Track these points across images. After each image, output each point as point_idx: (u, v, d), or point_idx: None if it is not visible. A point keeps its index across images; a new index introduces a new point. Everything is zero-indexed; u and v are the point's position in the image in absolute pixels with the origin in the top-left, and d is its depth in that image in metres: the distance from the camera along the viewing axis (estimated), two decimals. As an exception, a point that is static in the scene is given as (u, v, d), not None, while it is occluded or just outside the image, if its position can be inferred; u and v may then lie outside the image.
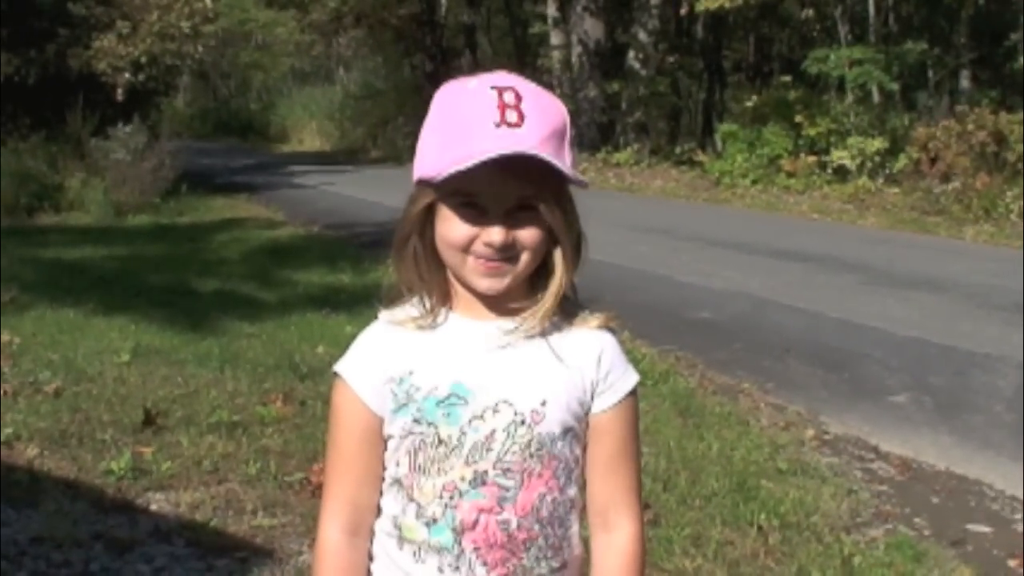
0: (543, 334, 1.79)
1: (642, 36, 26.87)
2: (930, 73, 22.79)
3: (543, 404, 1.76)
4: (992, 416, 6.38)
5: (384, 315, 1.84)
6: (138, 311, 8.51)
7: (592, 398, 1.81)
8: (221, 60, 43.58)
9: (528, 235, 1.72)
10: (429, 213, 1.75)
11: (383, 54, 38.27)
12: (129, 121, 17.69)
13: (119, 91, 19.73)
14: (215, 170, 23.79)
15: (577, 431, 1.81)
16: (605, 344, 1.83)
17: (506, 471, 1.76)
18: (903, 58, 21.09)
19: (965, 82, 23.56)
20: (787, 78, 23.99)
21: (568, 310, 1.81)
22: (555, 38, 30.50)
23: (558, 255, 1.77)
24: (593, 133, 26.62)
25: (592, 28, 27.29)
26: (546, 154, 1.65)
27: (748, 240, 13.65)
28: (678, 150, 24.93)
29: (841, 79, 20.80)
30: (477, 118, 1.67)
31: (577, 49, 27.49)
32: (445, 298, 1.81)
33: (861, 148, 19.06)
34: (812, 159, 19.81)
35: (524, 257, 1.73)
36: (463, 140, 1.66)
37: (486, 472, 1.75)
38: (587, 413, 1.81)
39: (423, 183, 1.73)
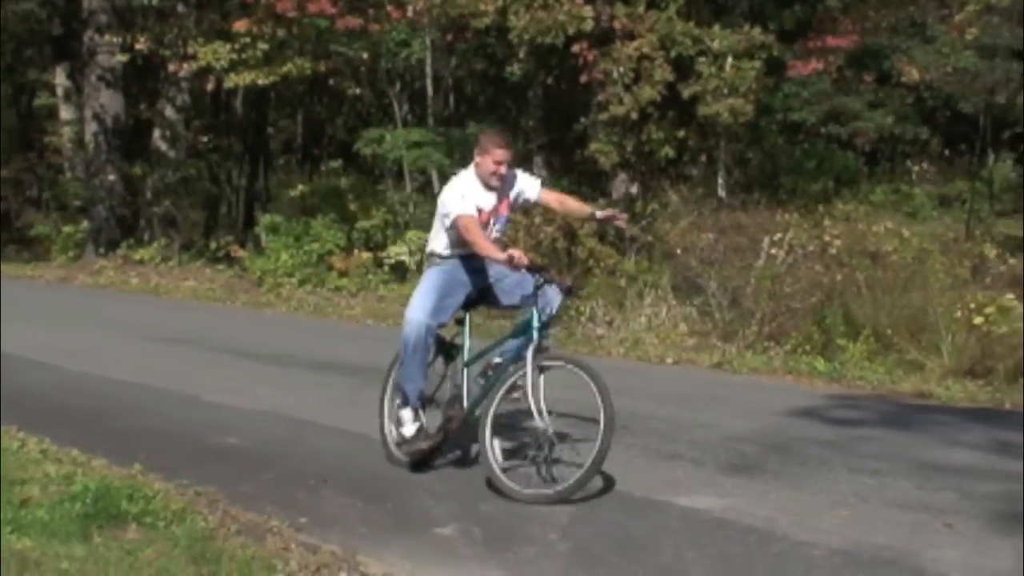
0: None
1: (170, 112, 26.86)
2: (497, 159, 23.87)
3: None
4: (546, 546, 6.64)
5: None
6: None
7: None
8: None
9: None
10: None
11: None
12: None
13: None
14: None
15: None
16: None
17: None
18: (466, 141, 22.06)
19: (540, 169, 24.82)
20: (338, 163, 24.51)
21: None
22: (65, 112, 29.90)
23: None
24: (112, 225, 26.20)
25: (110, 101, 26.97)
26: None
27: (289, 351, 13.84)
28: (213, 245, 24.92)
29: (399, 165, 21.49)
30: None
31: (92, 126, 27.00)
32: None
33: (421, 243, 19.50)
34: (367, 255, 20.33)
35: None
36: None
37: None
38: None
39: None
